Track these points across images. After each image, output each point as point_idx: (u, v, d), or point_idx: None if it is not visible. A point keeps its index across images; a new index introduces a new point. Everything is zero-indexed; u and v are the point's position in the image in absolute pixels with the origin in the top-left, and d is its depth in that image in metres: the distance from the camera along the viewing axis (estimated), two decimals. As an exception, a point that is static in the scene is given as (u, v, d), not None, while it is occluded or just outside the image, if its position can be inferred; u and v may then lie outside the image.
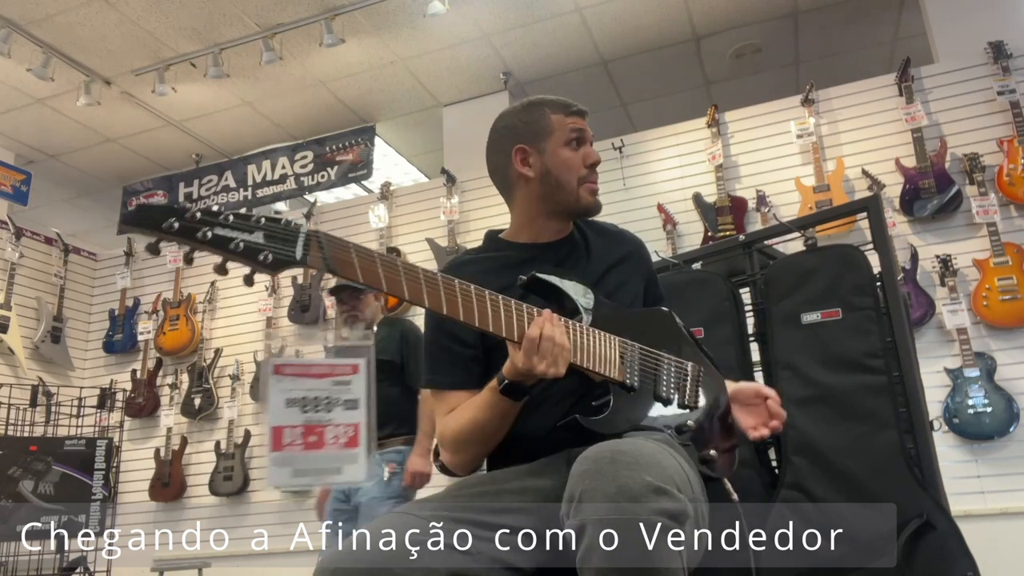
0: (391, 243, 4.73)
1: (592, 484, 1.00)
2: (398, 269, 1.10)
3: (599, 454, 1.04)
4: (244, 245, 0.97)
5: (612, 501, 0.98)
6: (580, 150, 1.45)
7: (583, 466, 1.04)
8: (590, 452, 1.06)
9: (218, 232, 0.95)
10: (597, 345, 1.29)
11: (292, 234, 1.00)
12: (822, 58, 5.01)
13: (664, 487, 1.00)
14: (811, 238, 2.12)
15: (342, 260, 1.04)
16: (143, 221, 0.95)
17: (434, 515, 1.16)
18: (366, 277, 1.06)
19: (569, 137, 1.45)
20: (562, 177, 1.44)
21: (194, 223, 0.95)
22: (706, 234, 4.04)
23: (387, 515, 1.17)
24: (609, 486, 0.99)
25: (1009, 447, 3.35)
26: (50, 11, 4.09)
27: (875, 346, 1.92)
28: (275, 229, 0.99)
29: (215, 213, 0.96)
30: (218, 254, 0.97)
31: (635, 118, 5.53)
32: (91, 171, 5.79)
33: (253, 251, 0.97)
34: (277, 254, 0.98)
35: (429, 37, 4.51)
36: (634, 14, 4.43)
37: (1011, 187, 3.56)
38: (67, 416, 4.55)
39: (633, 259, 1.54)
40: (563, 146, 1.45)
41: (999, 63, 3.71)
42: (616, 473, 1.00)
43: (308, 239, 1.01)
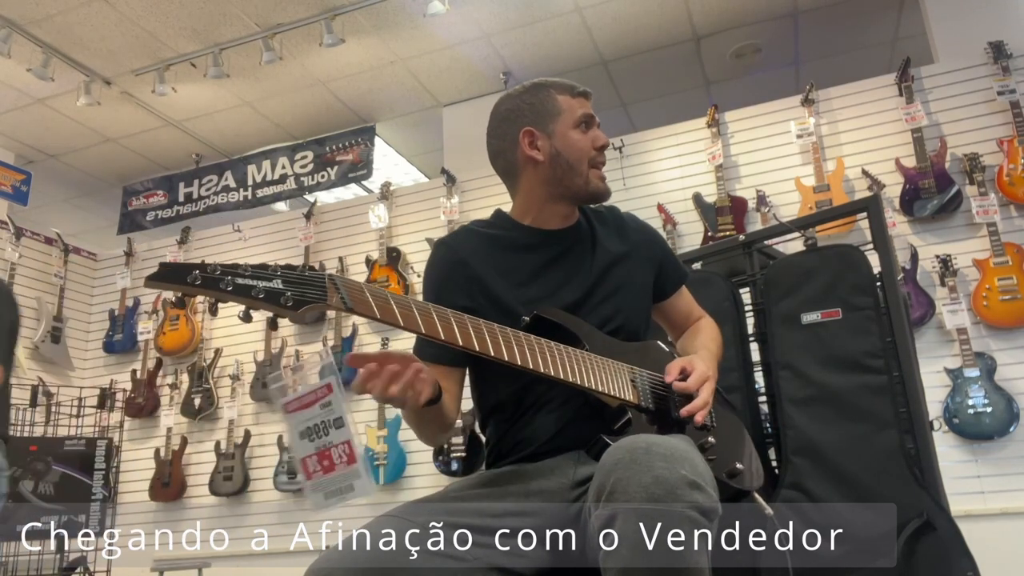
0: (391, 243, 4.73)
1: (627, 474, 1.00)
2: (410, 306, 1.12)
3: (634, 444, 1.04)
4: (266, 291, 1.01)
5: (647, 491, 0.97)
6: (589, 132, 1.43)
7: (616, 455, 1.03)
8: (623, 443, 1.05)
9: (239, 282, 1.00)
10: (608, 371, 1.29)
11: (309, 278, 1.04)
12: (822, 58, 5.01)
13: (698, 482, 1.00)
14: (811, 238, 2.12)
15: (358, 299, 1.07)
16: (168, 277, 0.99)
17: (433, 517, 1.16)
18: (383, 315, 1.08)
19: (578, 119, 1.43)
20: (572, 160, 1.42)
21: (216, 276, 0.99)
22: (706, 234, 4.04)
23: (385, 516, 1.17)
24: (645, 476, 0.98)
25: (1009, 447, 3.35)
26: (50, 11, 4.09)
27: (875, 346, 1.92)
28: (292, 275, 1.03)
29: (234, 265, 1.01)
30: (242, 302, 1.01)
31: (635, 118, 5.54)
32: (91, 171, 5.80)
33: (274, 295, 1.01)
34: (297, 296, 1.02)
35: (429, 37, 4.51)
36: (634, 14, 4.43)
37: (1011, 187, 3.56)
38: (67, 416, 4.55)
39: (642, 249, 1.51)
40: (572, 128, 1.42)
41: (999, 63, 3.71)
42: (651, 464, 0.99)
43: (325, 281, 1.04)
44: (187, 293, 1.00)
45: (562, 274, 1.42)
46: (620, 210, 1.60)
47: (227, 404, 4.78)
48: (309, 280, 1.03)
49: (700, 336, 1.56)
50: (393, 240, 4.77)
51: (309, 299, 1.03)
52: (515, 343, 1.20)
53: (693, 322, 1.63)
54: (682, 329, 1.63)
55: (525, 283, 1.37)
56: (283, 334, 4.86)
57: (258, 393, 4.73)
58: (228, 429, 4.71)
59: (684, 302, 1.62)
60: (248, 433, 4.70)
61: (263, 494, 4.62)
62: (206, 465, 4.76)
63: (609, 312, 1.41)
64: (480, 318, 1.18)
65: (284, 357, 4.75)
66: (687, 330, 1.62)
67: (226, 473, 4.63)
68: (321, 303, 1.03)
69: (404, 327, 1.10)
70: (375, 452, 4.34)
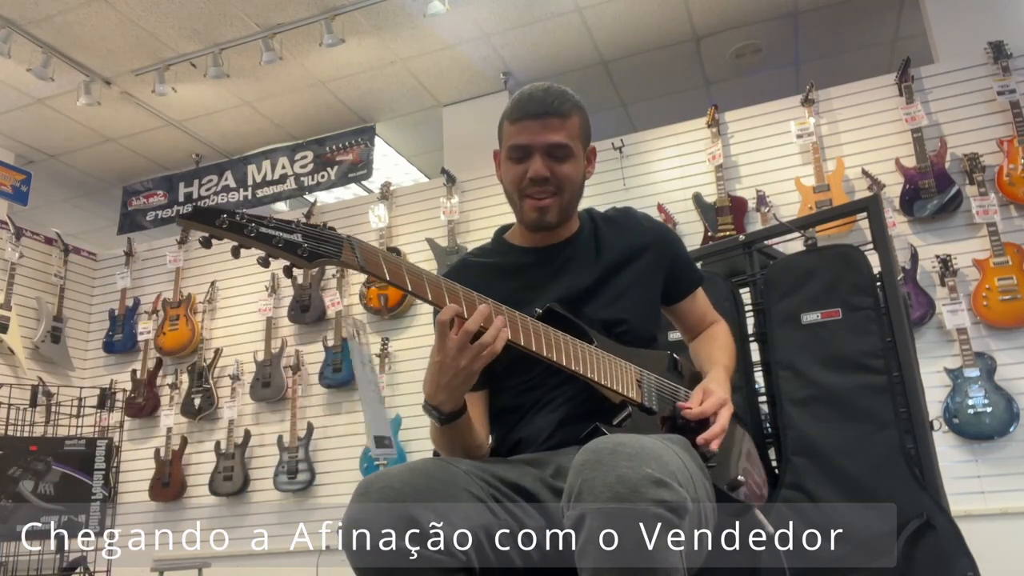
0: (391, 243, 4.73)
1: (591, 475, 1.00)
2: (420, 274, 1.17)
3: (601, 445, 1.04)
4: (285, 242, 1.06)
5: (611, 490, 0.97)
6: (522, 164, 1.37)
7: (584, 457, 1.04)
8: (591, 444, 1.06)
9: (262, 230, 1.06)
10: (615, 367, 1.30)
11: (328, 236, 1.10)
12: (822, 58, 5.01)
13: (664, 479, 0.99)
14: (811, 238, 2.12)
15: (371, 260, 1.13)
16: (199, 217, 1.06)
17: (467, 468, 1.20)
18: (392, 276, 1.14)
19: (508, 149, 1.39)
20: (507, 189, 1.42)
21: (242, 222, 1.06)
22: (706, 234, 4.04)
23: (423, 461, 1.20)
24: (608, 476, 0.99)
25: (1009, 447, 3.35)
26: (50, 11, 4.09)
27: (875, 346, 1.92)
28: (312, 231, 1.09)
29: (261, 216, 1.07)
30: (262, 248, 1.07)
31: (635, 118, 5.53)
32: (91, 171, 5.80)
33: (292, 246, 1.07)
34: (313, 249, 1.08)
35: (429, 37, 4.51)
36: (634, 14, 4.43)
37: (1011, 187, 3.56)
38: (67, 416, 4.55)
39: (653, 251, 1.49)
40: (507, 158, 1.40)
41: (999, 63, 3.71)
42: (616, 464, 1.00)
43: (343, 240, 1.11)
44: (213, 235, 1.06)
45: (562, 288, 1.41)
46: (635, 210, 1.57)
47: (227, 404, 4.78)
48: (327, 237, 1.09)
49: (715, 347, 1.54)
50: (393, 240, 4.77)
51: (323, 253, 1.08)
52: (520, 324, 1.21)
53: (707, 325, 1.62)
54: (695, 332, 1.62)
55: (528, 302, 1.36)
56: (283, 334, 4.86)
57: (258, 393, 4.73)
58: (228, 429, 4.71)
59: (698, 305, 1.60)
60: (248, 433, 4.70)
61: (263, 494, 4.62)
62: (206, 465, 4.76)
63: (615, 315, 1.41)
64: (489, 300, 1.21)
65: (284, 357, 4.75)
66: (701, 333, 1.61)
67: (226, 473, 4.63)
68: (335, 259, 1.09)
69: (412, 292, 1.14)
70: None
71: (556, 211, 1.39)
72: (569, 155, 1.37)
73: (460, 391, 1.21)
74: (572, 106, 1.37)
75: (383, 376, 4.45)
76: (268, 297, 4.90)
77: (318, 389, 4.68)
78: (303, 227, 1.08)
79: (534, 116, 1.35)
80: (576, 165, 1.39)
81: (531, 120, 1.35)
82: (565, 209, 1.41)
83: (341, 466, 4.49)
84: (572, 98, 1.39)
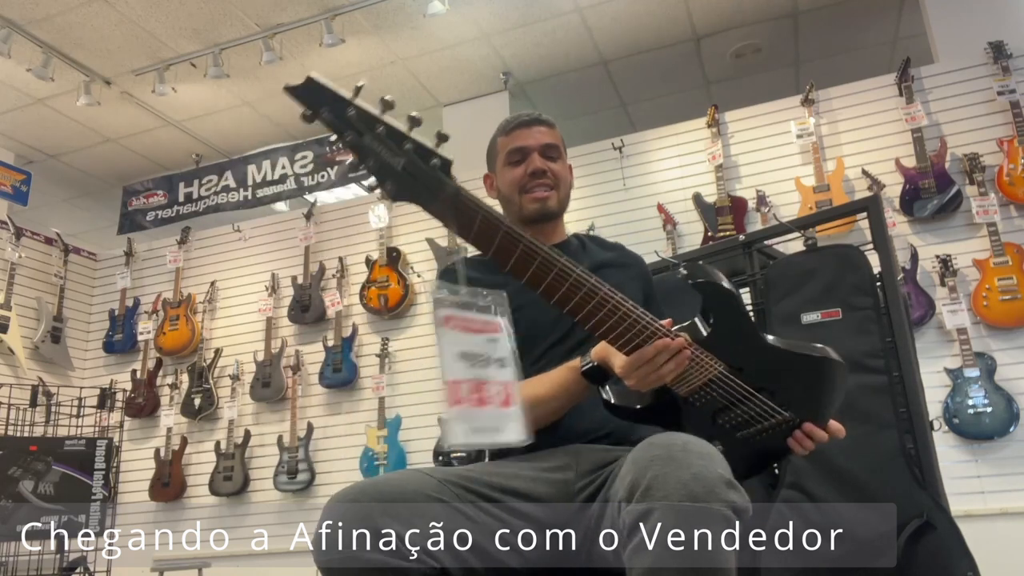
0: (391, 243, 4.73)
1: (665, 470, 0.99)
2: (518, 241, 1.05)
3: (670, 441, 1.03)
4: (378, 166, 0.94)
5: (686, 488, 0.96)
6: (520, 165, 1.53)
7: (652, 452, 1.02)
8: (657, 439, 1.05)
9: (364, 141, 0.93)
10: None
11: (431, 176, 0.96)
12: (822, 58, 5.01)
13: (733, 481, 1.00)
14: (811, 238, 2.12)
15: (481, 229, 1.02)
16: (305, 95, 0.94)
17: (448, 476, 1.19)
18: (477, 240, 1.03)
19: (505, 156, 1.55)
20: (508, 194, 1.55)
21: (348, 118, 0.93)
22: (706, 234, 4.04)
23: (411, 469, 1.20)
24: (684, 473, 0.98)
25: (1009, 447, 3.35)
26: (50, 11, 4.09)
27: (875, 346, 1.93)
28: (416, 167, 0.95)
29: (373, 120, 0.94)
30: (353, 154, 0.95)
31: (635, 118, 5.53)
32: (91, 171, 5.80)
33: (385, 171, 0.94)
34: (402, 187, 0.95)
35: (429, 37, 4.51)
36: (634, 14, 4.43)
37: (1011, 187, 3.56)
38: (67, 416, 4.55)
39: (633, 270, 1.60)
40: (504, 166, 1.55)
41: (999, 63, 3.71)
42: (690, 461, 0.99)
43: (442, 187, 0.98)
44: (312, 119, 0.93)
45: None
46: (616, 243, 1.70)
47: (227, 404, 4.78)
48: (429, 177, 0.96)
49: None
50: (393, 240, 4.77)
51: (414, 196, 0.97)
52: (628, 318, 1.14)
53: None
54: None
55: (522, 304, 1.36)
56: (283, 334, 4.86)
57: (258, 393, 4.73)
58: (228, 429, 4.71)
59: None
60: (248, 433, 4.70)
61: (263, 494, 4.62)
62: (206, 465, 4.76)
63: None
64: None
65: (284, 357, 4.75)
66: None
67: (226, 473, 4.63)
68: (420, 202, 0.97)
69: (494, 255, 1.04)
70: (375, 452, 4.34)
71: (555, 202, 1.54)
72: (559, 156, 1.56)
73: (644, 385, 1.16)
74: (552, 122, 1.58)
75: (383, 376, 4.45)
76: (268, 297, 4.90)
77: (318, 389, 4.68)
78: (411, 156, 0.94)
79: (526, 124, 1.54)
80: (564, 166, 1.57)
81: (524, 128, 1.54)
82: (562, 202, 1.56)
83: (341, 466, 4.49)
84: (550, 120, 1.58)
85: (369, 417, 4.47)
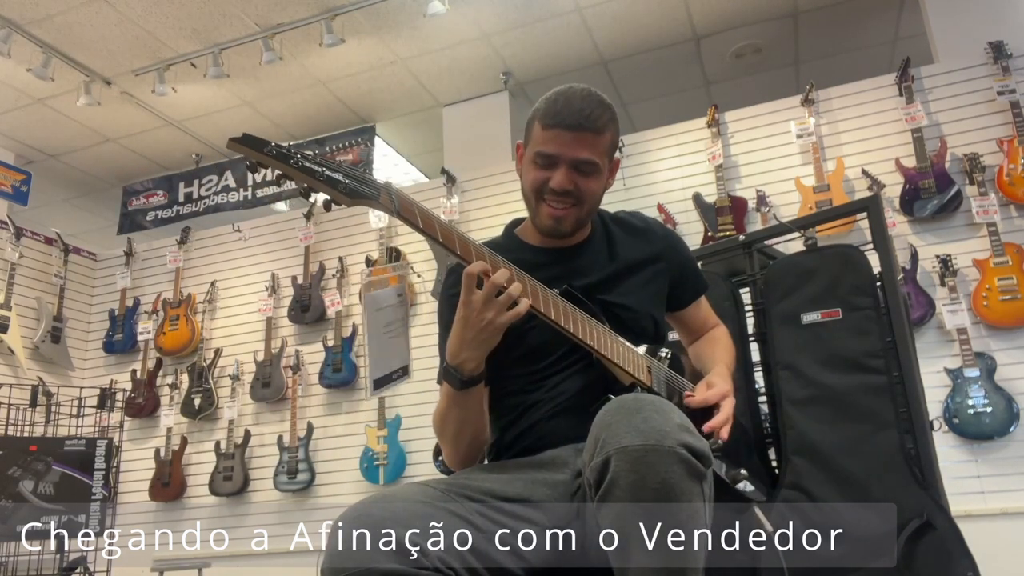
0: (391, 242, 4.73)
1: (615, 420, 1.01)
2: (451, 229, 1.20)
3: (624, 400, 1.06)
4: (327, 178, 1.10)
5: (637, 431, 0.98)
6: (546, 171, 1.35)
7: (606, 411, 1.04)
8: (614, 400, 1.07)
9: (306, 164, 1.09)
10: (625, 351, 1.31)
11: (368, 179, 1.13)
12: (822, 58, 5.01)
13: (690, 428, 1.01)
14: (811, 238, 2.12)
15: (407, 208, 1.15)
16: (249, 143, 1.09)
17: (447, 486, 1.18)
18: (425, 225, 1.17)
19: (536, 156, 1.36)
20: (527, 192, 1.41)
21: (288, 153, 1.09)
22: (706, 234, 4.04)
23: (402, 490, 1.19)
24: (636, 421, 0.99)
25: (1009, 447, 3.35)
26: (50, 11, 4.09)
27: (875, 346, 1.92)
28: (354, 173, 1.12)
29: (307, 152, 1.11)
30: (305, 180, 1.09)
31: (635, 118, 5.53)
32: (91, 171, 5.80)
33: (334, 181, 1.10)
34: (353, 188, 1.11)
35: (429, 37, 4.51)
36: (634, 14, 4.43)
37: (1011, 187, 3.56)
38: (67, 416, 4.54)
39: (664, 258, 1.51)
40: (531, 162, 1.38)
41: (999, 63, 3.71)
42: (645, 415, 1.00)
43: (380, 186, 1.14)
44: (260, 161, 1.09)
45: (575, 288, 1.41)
46: (644, 215, 1.60)
47: (227, 404, 4.78)
48: (368, 181, 1.13)
49: (716, 348, 1.57)
50: (393, 240, 4.77)
51: (363, 193, 1.11)
52: (541, 293, 1.24)
53: (708, 330, 1.65)
54: (696, 336, 1.65)
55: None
56: (283, 334, 4.86)
57: (258, 393, 4.73)
58: (228, 429, 4.71)
59: (701, 312, 1.64)
60: (248, 433, 4.70)
61: (263, 494, 4.62)
62: (206, 465, 4.76)
63: (618, 322, 1.40)
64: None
65: (284, 357, 4.75)
66: (701, 337, 1.64)
67: (226, 473, 4.63)
68: (373, 200, 1.12)
69: (442, 243, 1.17)
70: (375, 452, 4.34)
71: (572, 221, 1.39)
72: (595, 171, 1.36)
73: (483, 349, 1.23)
74: (608, 121, 1.35)
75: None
76: (268, 297, 4.90)
77: (318, 389, 4.68)
78: (345, 167, 1.11)
79: (568, 127, 1.31)
80: (600, 180, 1.38)
81: (564, 131, 1.32)
82: (582, 220, 1.41)
83: (341, 466, 4.50)
84: (608, 111, 1.36)
85: (369, 417, 4.47)
